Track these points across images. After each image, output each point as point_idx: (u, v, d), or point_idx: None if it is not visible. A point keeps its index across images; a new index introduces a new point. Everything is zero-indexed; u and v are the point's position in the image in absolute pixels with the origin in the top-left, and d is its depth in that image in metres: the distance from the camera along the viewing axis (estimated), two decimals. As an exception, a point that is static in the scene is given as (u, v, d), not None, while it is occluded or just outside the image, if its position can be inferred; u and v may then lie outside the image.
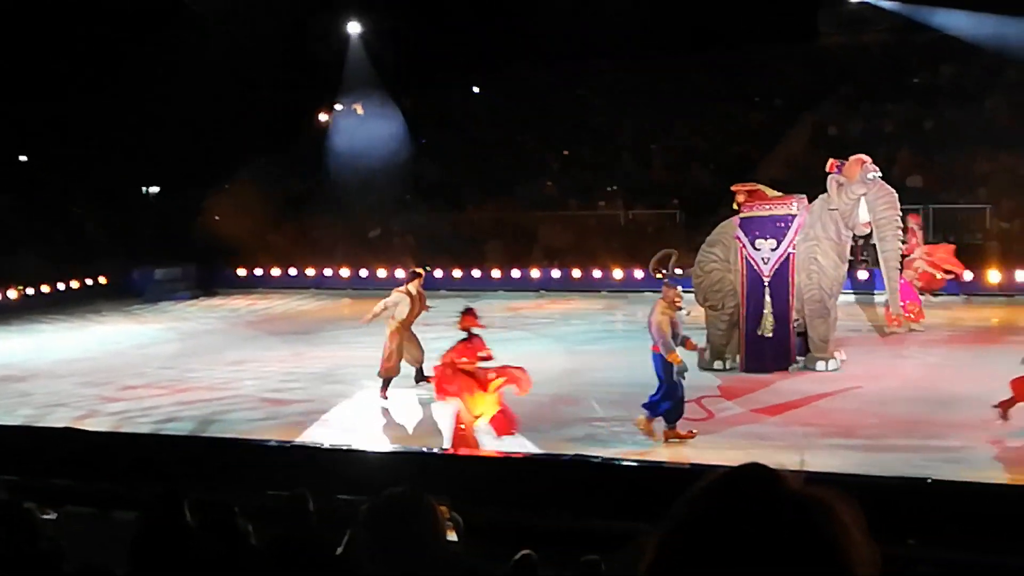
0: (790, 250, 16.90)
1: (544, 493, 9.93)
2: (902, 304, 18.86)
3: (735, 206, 17.85)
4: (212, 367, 19.63)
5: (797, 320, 16.94)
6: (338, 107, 37.48)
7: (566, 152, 33.49)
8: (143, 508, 6.56)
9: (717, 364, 17.07)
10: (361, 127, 35.30)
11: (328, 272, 31.03)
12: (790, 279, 16.85)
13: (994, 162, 27.99)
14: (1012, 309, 22.42)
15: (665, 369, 12.93)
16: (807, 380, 16.23)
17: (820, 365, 16.82)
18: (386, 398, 16.01)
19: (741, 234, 17.21)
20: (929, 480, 10.51)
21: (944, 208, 26.19)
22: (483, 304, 25.79)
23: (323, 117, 37.68)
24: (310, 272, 31.23)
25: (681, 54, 32.28)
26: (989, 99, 30.19)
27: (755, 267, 17.00)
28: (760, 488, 1.39)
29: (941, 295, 22.28)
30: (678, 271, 17.72)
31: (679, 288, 13.29)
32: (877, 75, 31.75)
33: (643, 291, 27.03)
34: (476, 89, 37.13)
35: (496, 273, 29.13)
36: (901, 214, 17.27)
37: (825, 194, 17.19)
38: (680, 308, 13.06)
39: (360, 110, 37.42)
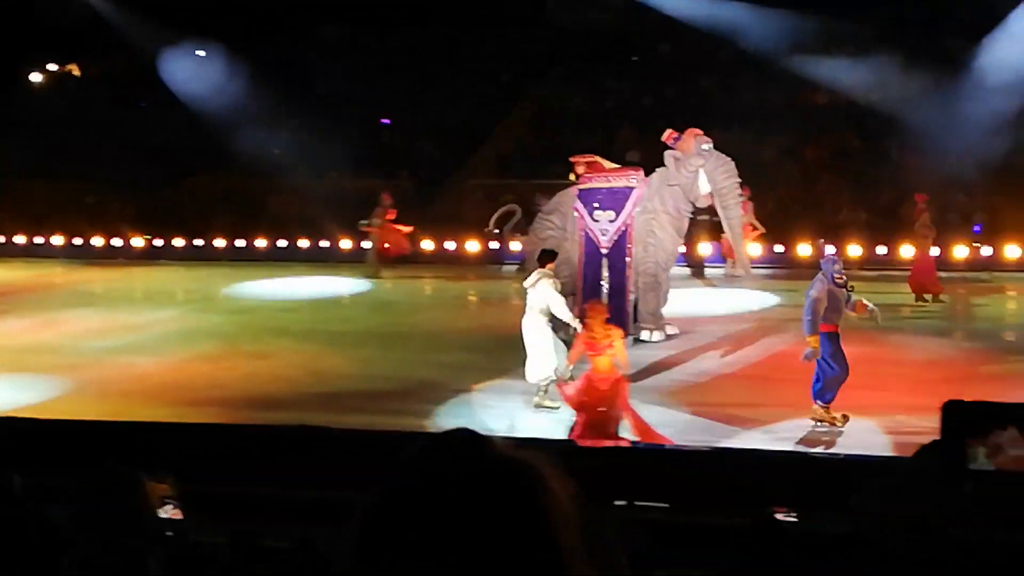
0: (628, 222, 16.89)
1: (267, 463, 9.79)
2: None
3: (573, 176, 17.77)
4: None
5: (633, 293, 16.93)
6: (52, 67, 35.73)
7: (295, 120, 32.88)
8: None
9: (559, 335, 17.01)
10: (79, 88, 33.74)
11: (39, 240, 29.61)
12: (627, 251, 16.83)
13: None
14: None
15: (830, 348, 12.24)
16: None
17: (644, 335, 16.85)
18: None
19: (580, 205, 17.10)
20: (635, 445, 10.96)
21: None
22: (206, 274, 25.33)
23: (35, 77, 35.82)
24: (19, 239, 29.72)
25: (410, 24, 32.26)
26: (703, 78, 31.55)
27: (593, 238, 16.94)
28: (467, 451, 1.40)
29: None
30: (514, 241, 17.69)
31: (840, 264, 12.65)
32: (599, 53, 32.59)
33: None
34: (201, 53, 35.98)
35: (220, 243, 28.49)
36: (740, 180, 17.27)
37: (663, 168, 17.24)
38: (842, 283, 12.45)
39: (76, 71, 35.79)
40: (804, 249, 24.17)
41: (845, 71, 28.11)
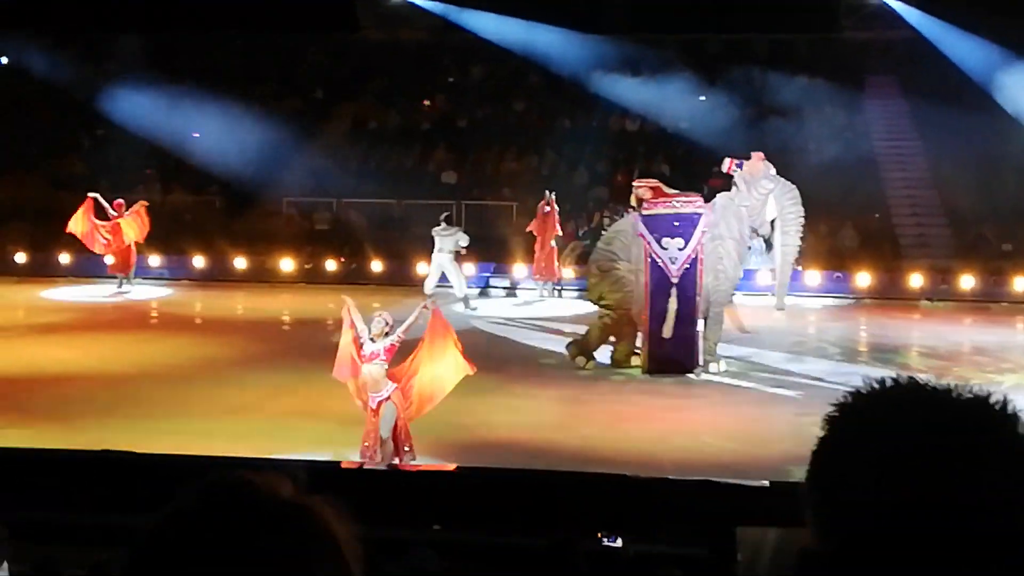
0: (698, 249, 16.36)
1: (70, 489, 9.57)
2: None
3: (635, 202, 17.23)
4: None
5: (700, 323, 16.47)
6: None
7: (100, 131, 31.77)
8: None
9: (635, 360, 16.65)
10: None
11: None
12: (698, 279, 16.29)
13: (520, 162, 29.72)
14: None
15: None
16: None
17: (712, 367, 16.41)
18: None
19: (645, 231, 16.41)
20: (458, 468, 11.07)
21: (475, 204, 27.63)
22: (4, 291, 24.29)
23: None
24: None
25: (216, 33, 31.70)
26: (516, 101, 31.95)
27: (662, 266, 16.31)
28: (241, 495, 1.41)
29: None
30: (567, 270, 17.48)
31: None
32: (414, 72, 32.66)
33: (179, 279, 26.34)
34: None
35: (21, 258, 27.30)
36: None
37: (726, 192, 16.96)
38: None
39: None
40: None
41: (651, 97, 28.91)
